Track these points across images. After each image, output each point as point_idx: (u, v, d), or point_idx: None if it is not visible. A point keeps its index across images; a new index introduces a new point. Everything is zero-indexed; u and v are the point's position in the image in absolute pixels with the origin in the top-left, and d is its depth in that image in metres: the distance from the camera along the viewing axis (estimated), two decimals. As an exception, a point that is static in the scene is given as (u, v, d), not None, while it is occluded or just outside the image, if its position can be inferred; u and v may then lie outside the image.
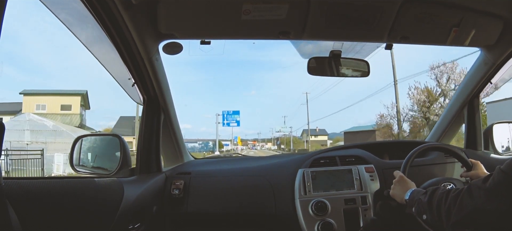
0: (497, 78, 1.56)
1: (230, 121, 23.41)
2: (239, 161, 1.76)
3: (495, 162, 1.46)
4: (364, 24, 1.18)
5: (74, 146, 1.38)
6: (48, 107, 19.95)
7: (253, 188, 1.46)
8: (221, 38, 1.30)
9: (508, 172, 0.74)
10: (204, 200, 1.44)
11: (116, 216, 1.06)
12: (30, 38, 33.74)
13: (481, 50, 1.45)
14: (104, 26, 1.03)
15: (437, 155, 1.53)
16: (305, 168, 1.45)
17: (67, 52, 38.02)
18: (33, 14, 30.85)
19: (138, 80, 1.31)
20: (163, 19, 1.10)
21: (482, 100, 2.07)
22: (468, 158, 1.26)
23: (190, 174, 1.49)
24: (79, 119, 20.63)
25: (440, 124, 1.82)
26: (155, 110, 1.42)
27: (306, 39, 1.28)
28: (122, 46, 1.14)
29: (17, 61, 31.66)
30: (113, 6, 0.96)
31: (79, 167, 1.38)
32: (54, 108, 20.08)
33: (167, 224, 1.43)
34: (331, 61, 1.42)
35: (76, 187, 0.99)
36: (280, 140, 41.65)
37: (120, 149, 1.35)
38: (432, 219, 0.91)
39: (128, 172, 1.35)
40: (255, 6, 1.07)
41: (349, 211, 1.36)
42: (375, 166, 1.46)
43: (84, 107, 22.66)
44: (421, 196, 0.98)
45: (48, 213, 0.86)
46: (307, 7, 1.09)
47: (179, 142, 1.65)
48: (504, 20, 1.21)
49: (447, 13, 1.17)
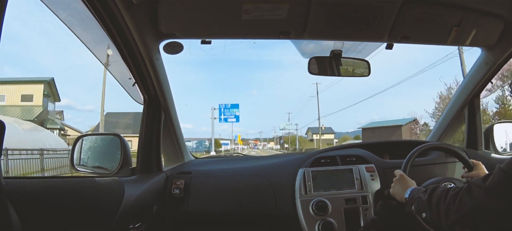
0: (497, 78, 1.56)
1: (227, 116, 20.65)
2: (240, 161, 1.76)
3: (495, 161, 1.46)
4: (365, 24, 1.18)
5: (74, 145, 1.38)
6: (7, 99, 17.05)
7: (253, 187, 1.46)
8: (221, 38, 1.30)
9: (508, 171, 0.75)
10: (205, 200, 1.44)
11: (117, 216, 1.06)
12: (31, 38, 33.78)
13: (482, 50, 1.45)
14: (105, 26, 1.03)
15: (437, 155, 1.53)
16: (305, 167, 1.45)
17: (67, 52, 38.06)
18: (33, 14, 30.86)
19: (139, 80, 1.31)
20: (163, 18, 1.10)
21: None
22: (468, 158, 1.26)
23: (190, 174, 1.49)
24: (39, 111, 16.98)
25: (441, 123, 1.81)
26: (156, 110, 1.42)
27: (307, 39, 1.28)
28: (122, 46, 1.14)
29: (17, 61, 31.68)
30: (113, 6, 0.96)
31: (80, 167, 1.38)
32: (14, 99, 17.10)
33: (168, 223, 1.43)
34: (332, 61, 1.42)
35: (76, 186, 0.99)
36: (283, 138, 39.96)
37: (120, 148, 1.35)
38: (432, 217, 0.91)
39: (128, 171, 1.35)
40: (255, 5, 1.07)
41: (349, 211, 1.36)
42: (376, 165, 1.46)
43: (51, 98, 18.87)
44: (421, 194, 0.98)
45: (49, 213, 0.86)
46: (308, 7, 1.09)
47: (180, 141, 1.65)
48: (504, 20, 1.21)
49: (448, 13, 1.17)
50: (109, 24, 1.03)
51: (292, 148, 34.09)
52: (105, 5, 0.96)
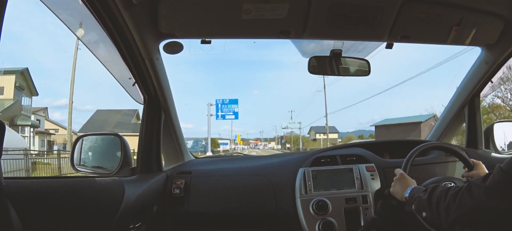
0: (497, 77, 1.56)
1: (225, 113, 18.61)
2: (240, 160, 1.76)
3: (496, 161, 1.46)
4: (365, 23, 1.18)
5: (74, 145, 1.38)
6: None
7: (253, 187, 1.46)
8: (221, 38, 1.30)
9: (508, 171, 0.75)
10: (205, 200, 1.44)
11: (117, 216, 1.06)
12: (31, 38, 33.77)
13: (482, 49, 1.45)
14: (105, 26, 1.04)
15: (438, 154, 1.53)
16: (306, 167, 1.45)
17: (68, 53, 38.00)
18: (34, 14, 30.83)
19: (139, 79, 1.31)
20: (163, 18, 1.10)
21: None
22: (469, 157, 1.26)
23: (190, 173, 1.49)
24: (7, 104, 14.92)
25: (441, 123, 1.82)
26: (156, 110, 1.42)
27: (307, 39, 1.28)
28: (122, 46, 1.14)
29: (18, 61, 31.64)
30: (113, 6, 0.96)
31: (80, 167, 1.38)
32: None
33: (168, 223, 1.43)
34: (332, 60, 1.42)
35: (77, 186, 0.99)
36: (285, 138, 38.58)
37: (120, 148, 1.35)
38: (432, 216, 0.91)
39: (128, 171, 1.35)
40: (255, 5, 1.07)
41: (350, 210, 1.36)
42: (376, 165, 1.46)
43: (25, 91, 16.77)
44: (421, 193, 0.98)
45: (49, 213, 0.86)
46: (308, 7, 1.09)
47: (180, 141, 1.65)
48: (504, 19, 1.21)
49: (448, 13, 1.17)
50: (109, 24, 1.03)
51: (295, 148, 32.52)
52: (105, 5, 0.96)
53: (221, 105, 18.52)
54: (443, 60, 23.58)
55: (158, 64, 1.29)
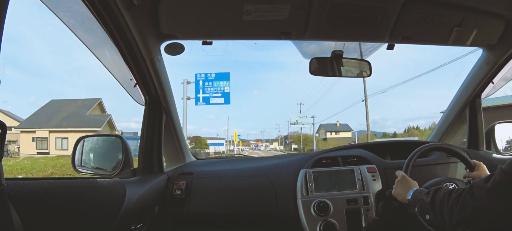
0: (498, 78, 1.55)
1: (210, 94, 11.80)
2: (241, 161, 1.76)
3: (497, 161, 1.46)
4: (366, 24, 1.18)
5: (76, 146, 1.38)
6: None
7: (255, 188, 1.46)
8: (222, 39, 1.30)
9: (509, 172, 0.75)
10: (206, 201, 1.44)
11: (118, 217, 1.06)
12: (32, 40, 33.88)
13: (483, 50, 1.45)
14: (106, 27, 1.04)
15: (439, 155, 1.52)
16: (307, 168, 1.45)
17: (69, 53, 38.13)
18: (35, 16, 30.90)
19: (140, 81, 1.31)
20: (164, 19, 1.10)
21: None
22: (470, 158, 1.26)
23: (192, 175, 1.49)
24: None
25: (442, 124, 1.81)
26: (157, 111, 1.42)
27: (308, 40, 1.28)
28: (124, 47, 1.14)
29: (18, 62, 31.70)
30: (114, 7, 0.96)
31: (81, 168, 1.38)
32: None
33: (169, 224, 1.43)
34: (333, 62, 1.42)
35: (78, 187, 0.99)
36: (291, 138, 33.55)
37: (122, 149, 1.35)
38: (435, 219, 0.90)
39: (130, 172, 1.35)
40: (256, 6, 1.07)
41: (351, 211, 1.35)
42: (377, 166, 1.46)
43: None
44: (423, 196, 0.98)
45: (50, 214, 0.87)
46: (309, 8, 1.10)
47: (181, 142, 1.65)
48: (505, 20, 1.21)
49: (449, 13, 1.17)
50: (110, 25, 1.03)
51: (308, 149, 26.08)
52: (106, 6, 0.96)
53: (203, 82, 11.77)
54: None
55: (159, 66, 1.29)
